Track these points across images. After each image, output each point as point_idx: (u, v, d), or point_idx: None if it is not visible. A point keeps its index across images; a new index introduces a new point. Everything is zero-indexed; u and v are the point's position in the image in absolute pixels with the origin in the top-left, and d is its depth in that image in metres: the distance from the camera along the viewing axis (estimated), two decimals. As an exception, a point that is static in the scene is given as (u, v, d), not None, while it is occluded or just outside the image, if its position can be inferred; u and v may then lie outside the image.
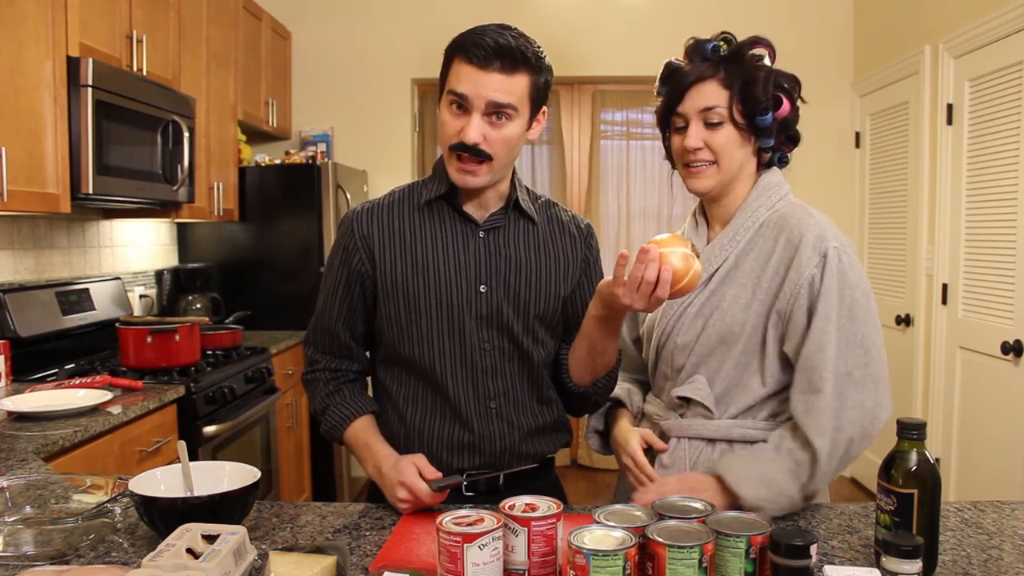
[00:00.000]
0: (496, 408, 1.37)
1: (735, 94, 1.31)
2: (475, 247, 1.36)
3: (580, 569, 0.89)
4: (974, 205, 3.24)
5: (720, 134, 1.32)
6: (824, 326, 1.23)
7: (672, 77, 1.37)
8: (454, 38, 1.28)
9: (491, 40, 1.23)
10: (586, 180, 4.65)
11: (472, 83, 1.24)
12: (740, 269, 1.33)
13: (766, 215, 1.34)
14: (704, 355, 1.34)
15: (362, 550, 1.14)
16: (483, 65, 1.23)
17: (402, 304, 1.36)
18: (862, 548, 1.14)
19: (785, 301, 1.27)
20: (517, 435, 1.38)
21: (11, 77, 2.15)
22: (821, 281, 1.24)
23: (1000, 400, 3.01)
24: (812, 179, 4.34)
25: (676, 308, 1.38)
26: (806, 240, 1.26)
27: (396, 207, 1.40)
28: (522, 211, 1.40)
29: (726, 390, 1.34)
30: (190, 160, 2.99)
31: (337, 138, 4.48)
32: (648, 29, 4.39)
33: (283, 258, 3.83)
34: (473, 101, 1.24)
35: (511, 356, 1.38)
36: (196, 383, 2.55)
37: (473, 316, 1.35)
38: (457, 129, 1.26)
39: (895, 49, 3.92)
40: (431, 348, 1.36)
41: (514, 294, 1.36)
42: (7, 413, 2.01)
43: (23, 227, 2.71)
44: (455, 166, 1.29)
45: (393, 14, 4.42)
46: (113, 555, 1.10)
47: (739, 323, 1.30)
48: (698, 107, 1.32)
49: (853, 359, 1.23)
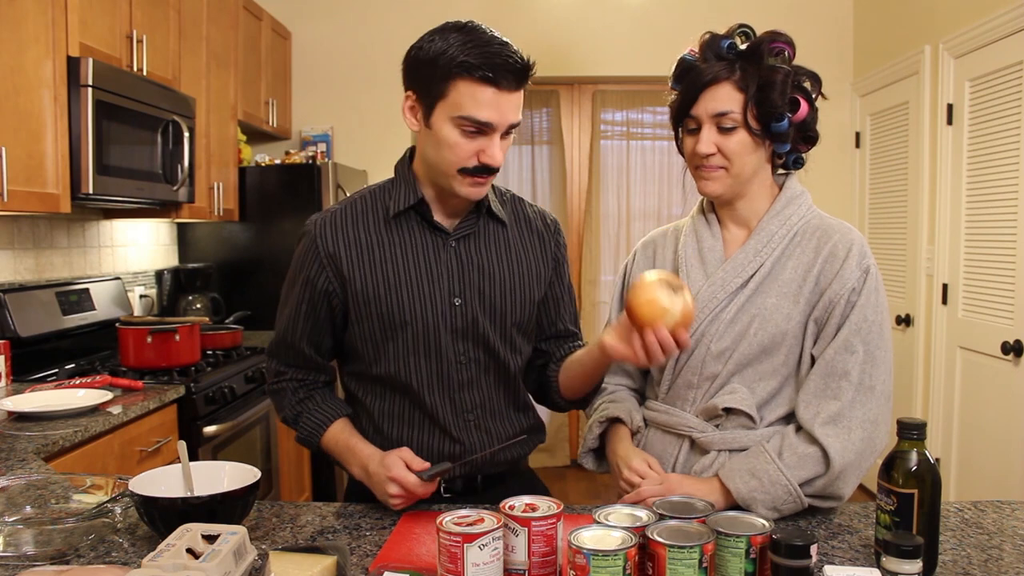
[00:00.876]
0: (474, 420, 1.36)
1: (750, 98, 1.26)
2: (447, 258, 1.33)
3: (580, 569, 0.89)
4: (974, 205, 3.24)
5: (733, 139, 1.28)
6: (852, 337, 1.24)
7: (686, 75, 1.31)
8: (442, 52, 1.19)
9: (511, 61, 1.18)
10: (586, 180, 4.65)
11: (496, 108, 1.19)
12: (779, 277, 1.30)
13: (799, 223, 1.33)
14: (742, 364, 1.29)
15: (362, 550, 1.14)
16: (503, 86, 1.18)
17: (376, 322, 1.32)
18: (862, 548, 1.14)
19: (823, 309, 1.27)
20: (496, 443, 1.37)
21: (11, 77, 2.15)
22: (860, 295, 1.26)
23: (1000, 400, 3.01)
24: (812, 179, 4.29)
25: (706, 314, 1.32)
26: (852, 254, 1.27)
27: (361, 219, 1.34)
28: (492, 215, 1.37)
29: (764, 400, 1.31)
30: (190, 160, 2.99)
31: (337, 138, 4.48)
32: (648, 29, 4.38)
33: (283, 258, 3.81)
34: (497, 126, 1.21)
35: (487, 367, 1.36)
36: (196, 383, 2.55)
37: (449, 330, 1.32)
38: (472, 152, 1.22)
39: (895, 49, 3.92)
40: (407, 364, 1.33)
41: (489, 304, 1.34)
42: (7, 413, 2.01)
43: (23, 227, 2.71)
44: (469, 182, 1.25)
45: (394, 14, 4.42)
46: (113, 555, 1.10)
47: (781, 332, 1.28)
48: (711, 112, 1.27)
49: (873, 372, 1.25)
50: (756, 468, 1.23)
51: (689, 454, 1.34)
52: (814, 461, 1.22)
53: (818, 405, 1.25)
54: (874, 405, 1.24)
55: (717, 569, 0.95)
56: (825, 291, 1.27)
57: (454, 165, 1.24)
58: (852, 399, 1.23)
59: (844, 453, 1.21)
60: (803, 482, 1.22)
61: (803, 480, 1.22)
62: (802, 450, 1.23)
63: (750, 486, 1.22)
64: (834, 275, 1.27)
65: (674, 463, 1.35)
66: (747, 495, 1.22)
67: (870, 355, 1.25)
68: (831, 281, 1.27)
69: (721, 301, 1.31)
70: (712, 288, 1.32)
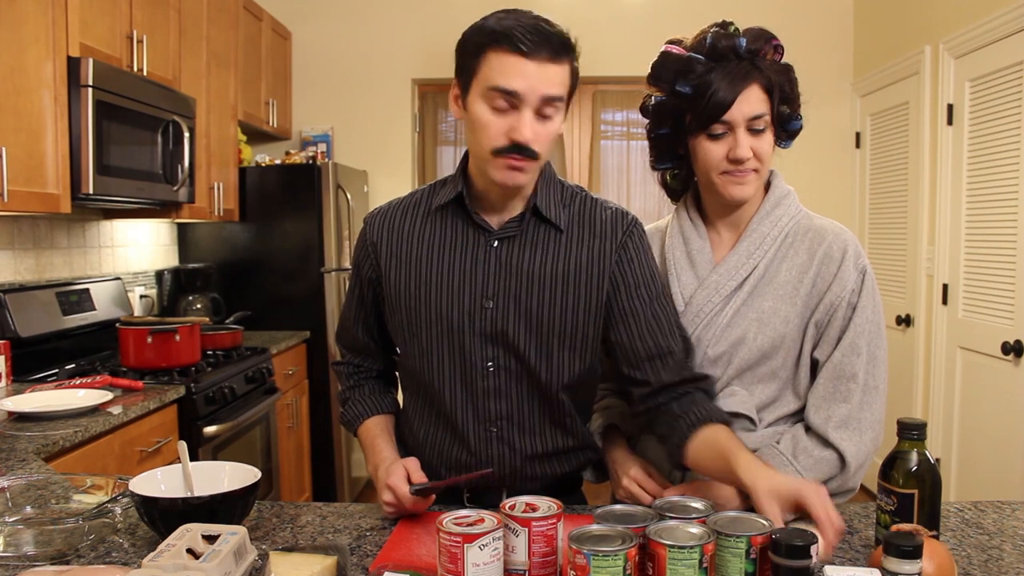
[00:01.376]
0: (497, 432, 1.28)
1: (775, 99, 1.25)
2: (485, 258, 1.25)
3: (580, 569, 0.88)
4: (974, 205, 3.24)
5: (765, 141, 1.26)
6: (857, 339, 1.26)
7: (698, 76, 1.25)
8: (479, 28, 1.16)
9: (541, 27, 1.12)
10: (586, 180, 4.65)
11: (523, 76, 1.11)
12: (773, 280, 1.30)
13: (789, 224, 1.32)
14: (742, 368, 1.29)
15: (362, 550, 1.14)
16: (534, 55, 1.11)
17: (403, 316, 1.30)
18: (862, 548, 1.14)
19: (824, 312, 1.28)
20: (519, 460, 1.30)
21: (11, 77, 2.15)
22: (859, 296, 1.27)
23: (1000, 400, 3.01)
24: (812, 179, 4.34)
25: (702, 318, 1.31)
26: (848, 256, 1.28)
27: (410, 211, 1.32)
28: (543, 217, 1.26)
29: (763, 403, 1.31)
30: (190, 160, 2.99)
31: (337, 138, 4.48)
32: (648, 29, 4.38)
33: (283, 258, 3.83)
34: (526, 97, 1.12)
35: (519, 377, 1.27)
36: (196, 383, 2.55)
37: (476, 333, 1.25)
38: (504, 129, 1.14)
39: (895, 49, 3.92)
40: (431, 364, 1.29)
41: (525, 310, 1.24)
42: (7, 413, 2.01)
43: (23, 227, 2.71)
44: (503, 165, 1.16)
45: (394, 14, 4.42)
46: (113, 555, 1.10)
47: (780, 336, 1.28)
48: (747, 115, 1.23)
49: (875, 372, 1.27)
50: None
51: None
52: (830, 464, 1.25)
53: (829, 409, 1.27)
54: (878, 405, 1.27)
55: (717, 569, 0.95)
56: (825, 293, 1.27)
57: (487, 147, 1.16)
58: (860, 401, 1.26)
59: (858, 455, 1.25)
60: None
61: (818, 481, 1.22)
62: (817, 454, 1.25)
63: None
64: (832, 277, 1.27)
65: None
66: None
67: (872, 356, 1.27)
68: (830, 283, 1.27)
69: (716, 305, 1.30)
70: (707, 292, 1.31)
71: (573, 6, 4.38)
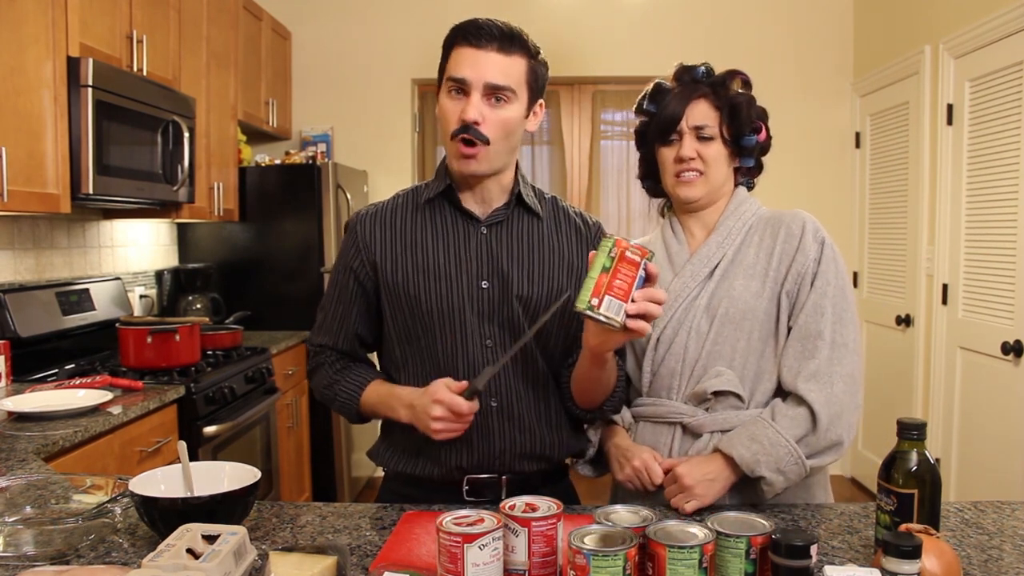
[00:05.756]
0: (497, 405, 1.36)
1: (724, 115, 1.42)
2: (476, 243, 1.36)
3: (580, 569, 0.89)
4: (974, 205, 3.24)
5: (711, 148, 1.43)
6: (821, 300, 1.35)
7: (662, 97, 1.46)
8: (450, 30, 1.31)
9: (487, 22, 1.27)
10: (586, 180, 4.65)
11: (471, 65, 1.26)
12: (742, 263, 1.42)
13: (751, 218, 1.46)
14: (719, 342, 1.37)
15: (362, 550, 1.14)
16: (481, 45, 1.26)
17: (404, 304, 1.36)
18: (862, 548, 1.14)
19: (793, 282, 1.38)
20: (517, 433, 1.37)
21: (11, 77, 2.15)
22: (819, 263, 1.38)
23: (1000, 400, 3.01)
24: (812, 179, 4.34)
25: (681, 301, 1.41)
26: (807, 230, 1.40)
27: (399, 209, 1.41)
28: (526, 206, 1.39)
29: (750, 380, 1.38)
30: (190, 160, 2.99)
31: (337, 138, 4.48)
32: (648, 29, 4.38)
33: (283, 258, 3.83)
34: (472, 83, 1.26)
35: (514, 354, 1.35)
36: (196, 383, 2.55)
37: (475, 312, 1.34)
38: (457, 113, 1.27)
39: (895, 49, 3.92)
40: (433, 346, 1.36)
41: (518, 290, 1.35)
42: (7, 413, 2.01)
43: (23, 227, 2.71)
44: (456, 152, 1.29)
45: (393, 14, 4.43)
46: (113, 555, 1.10)
47: (751, 308, 1.38)
48: (692, 124, 1.42)
49: (843, 331, 1.35)
50: (755, 433, 1.30)
51: (682, 439, 1.40)
52: (803, 419, 1.31)
53: (798, 365, 1.34)
54: (849, 361, 1.34)
55: (717, 569, 0.95)
56: (791, 266, 1.39)
57: (446, 133, 1.29)
58: (829, 356, 1.33)
59: (828, 405, 1.30)
60: (797, 440, 1.29)
61: (797, 438, 1.29)
62: (791, 412, 1.31)
63: (752, 450, 1.28)
64: (795, 250, 1.39)
65: (669, 451, 1.40)
66: (751, 459, 1.28)
67: (838, 316, 1.35)
68: (794, 255, 1.39)
69: (692, 290, 1.42)
70: (683, 279, 1.43)
71: (573, 6, 4.38)
